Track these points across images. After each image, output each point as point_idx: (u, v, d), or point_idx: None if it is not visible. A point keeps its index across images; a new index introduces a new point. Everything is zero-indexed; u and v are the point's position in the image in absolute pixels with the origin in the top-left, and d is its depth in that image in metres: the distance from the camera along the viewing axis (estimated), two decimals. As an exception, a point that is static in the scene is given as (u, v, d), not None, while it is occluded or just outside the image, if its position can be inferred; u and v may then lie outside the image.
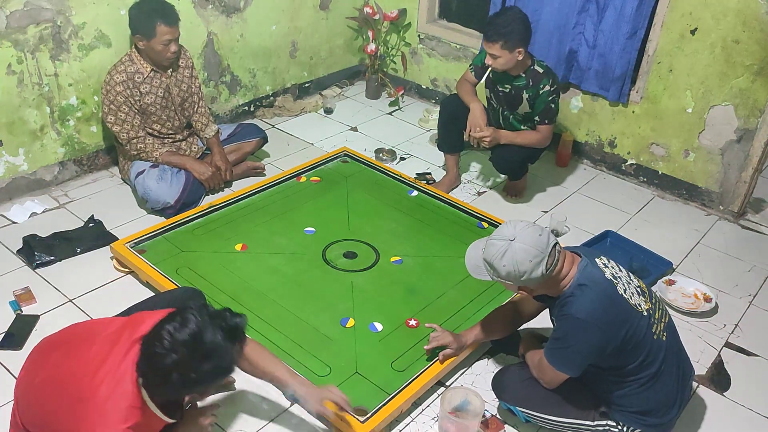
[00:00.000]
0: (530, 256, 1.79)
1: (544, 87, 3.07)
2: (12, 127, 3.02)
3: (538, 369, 2.00)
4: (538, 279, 1.82)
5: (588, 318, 1.81)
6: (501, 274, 1.85)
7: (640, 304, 1.87)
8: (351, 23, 4.46)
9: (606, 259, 1.93)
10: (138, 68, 3.02)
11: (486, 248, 1.89)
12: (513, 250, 1.80)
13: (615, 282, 1.86)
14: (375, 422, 2.05)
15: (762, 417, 2.31)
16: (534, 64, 3.10)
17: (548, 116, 3.12)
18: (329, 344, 2.37)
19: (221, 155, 3.31)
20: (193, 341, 1.53)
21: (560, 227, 3.14)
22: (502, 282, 1.89)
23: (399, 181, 3.42)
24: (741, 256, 3.14)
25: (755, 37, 3.07)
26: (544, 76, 3.07)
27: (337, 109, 4.30)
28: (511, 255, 1.81)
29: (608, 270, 1.89)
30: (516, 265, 1.80)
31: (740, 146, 3.29)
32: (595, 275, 1.86)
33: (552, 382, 1.97)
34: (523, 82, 3.11)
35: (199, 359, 1.53)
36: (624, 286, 1.87)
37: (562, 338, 1.88)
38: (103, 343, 1.66)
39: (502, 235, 1.85)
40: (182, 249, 2.79)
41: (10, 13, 2.84)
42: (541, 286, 1.87)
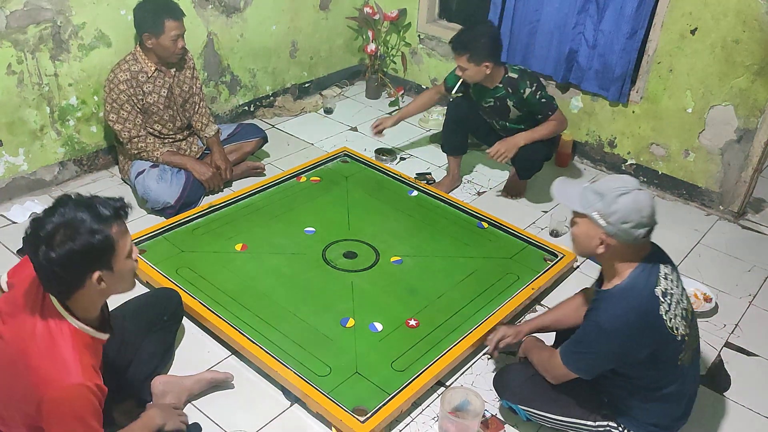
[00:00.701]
0: (645, 213, 1.73)
1: (525, 90, 3.09)
2: (12, 127, 3.02)
3: (548, 365, 1.97)
4: (631, 240, 1.75)
5: (614, 330, 1.76)
6: (607, 209, 1.74)
7: (677, 327, 1.80)
8: (351, 23, 4.46)
9: (670, 269, 1.85)
10: (142, 67, 3.03)
11: (605, 180, 1.81)
12: (636, 196, 1.73)
13: (661, 301, 1.78)
14: (375, 422, 2.05)
15: (762, 417, 2.31)
16: (508, 72, 3.12)
17: (548, 108, 3.12)
18: (329, 344, 2.37)
19: (221, 155, 3.31)
20: (48, 228, 1.51)
21: (560, 227, 3.14)
22: (593, 219, 1.77)
23: (399, 181, 3.42)
24: (741, 256, 3.14)
25: (755, 37, 3.07)
26: (519, 80, 3.10)
27: (337, 109, 4.30)
28: (633, 199, 1.73)
29: (664, 284, 1.80)
30: (630, 211, 1.72)
31: (740, 146, 3.29)
32: (642, 286, 1.79)
33: (560, 379, 1.95)
34: (502, 92, 3.14)
35: (62, 237, 1.49)
36: (669, 306, 1.79)
37: (583, 342, 1.85)
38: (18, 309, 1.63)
39: (627, 179, 1.79)
40: (182, 249, 2.79)
41: (10, 13, 2.84)
42: (617, 250, 1.79)
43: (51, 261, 1.48)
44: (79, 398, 1.56)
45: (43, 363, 1.55)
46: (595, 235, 1.79)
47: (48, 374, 1.54)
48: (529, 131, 3.14)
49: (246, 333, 2.35)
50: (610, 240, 1.77)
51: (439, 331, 2.46)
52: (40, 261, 1.50)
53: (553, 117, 3.13)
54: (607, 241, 1.78)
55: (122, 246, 1.59)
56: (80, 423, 1.58)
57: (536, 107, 3.12)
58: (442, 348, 2.37)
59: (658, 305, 1.77)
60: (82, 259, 1.51)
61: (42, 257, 1.49)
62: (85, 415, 1.59)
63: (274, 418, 2.18)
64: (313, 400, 2.12)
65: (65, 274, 1.52)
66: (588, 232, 1.81)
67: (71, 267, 1.51)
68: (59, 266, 1.49)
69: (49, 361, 1.55)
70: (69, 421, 1.57)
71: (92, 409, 1.60)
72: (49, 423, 1.57)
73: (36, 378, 1.55)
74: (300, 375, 2.20)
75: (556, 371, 1.94)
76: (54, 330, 1.58)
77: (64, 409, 1.56)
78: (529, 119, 3.20)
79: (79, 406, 1.57)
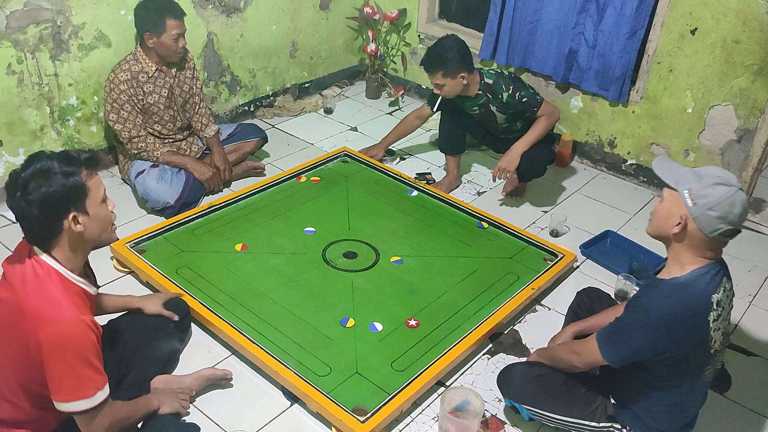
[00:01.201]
0: (736, 211, 1.70)
1: (503, 95, 3.10)
2: (12, 127, 3.02)
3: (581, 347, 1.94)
4: (708, 230, 1.71)
5: (660, 320, 1.73)
6: (700, 191, 1.70)
7: (716, 341, 1.78)
8: (351, 23, 4.46)
9: (729, 287, 1.82)
10: (143, 67, 3.03)
11: (708, 168, 1.78)
12: (734, 192, 1.70)
13: (713, 308, 1.75)
14: (375, 422, 2.05)
15: (762, 417, 2.31)
16: (484, 78, 3.13)
17: (532, 105, 3.10)
18: (329, 344, 2.37)
19: (221, 155, 3.31)
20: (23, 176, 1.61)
21: (560, 227, 3.14)
22: (683, 197, 1.73)
23: (399, 181, 3.42)
24: (741, 256, 3.14)
25: (755, 37, 3.07)
26: (495, 85, 3.11)
27: (337, 109, 4.30)
28: (729, 192, 1.69)
29: (721, 294, 1.77)
30: (722, 201, 1.68)
31: (740, 146, 3.29)
32: (702, 286, 1.75)
33: (586, 364, 1.92)
34: (483, 98, 3.16)
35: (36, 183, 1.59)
36: (717, 317, 1.76)
37: (625, 328, 1.80)
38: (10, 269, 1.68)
39: (731, 176, 1.75)
40: (182, 249, 2.79)
41: (10, 13, 2.84)
42: (691, 238, 1.75)
43: (29, 203, 1.58)
44: (76, 333, 1.60)
45: (37, 305, 1.59)
46: (677, 213, 1.75)
47: (42, 314, 1.58)
48: (523, 137, 3.13)
49: (246, 333, 2.35)
50: (690, 223, 1.73)
51: (439, 331, 2.46)
52: (18, 206, 1.60)
53: (541, 111, 3.11)
54: (686, 222, 1.73)
55: (94, 189, 1.67)
56: (80, 358, 1.61)
57: (519, 107, 3.12)
58: (442, 348, 2.36)
59: (710, 311, 1.74)
60: (56, 200, 1.60)
61: (19, 202, 1.59)
62: (84, 350, 1.61)
63: (274, 418, 2.18)
64: (313, 400, 2.12)
65: (43, 218, 1.60)
66: (671, 209, 1.77)
67: (47, 209, 1.60)
68: (37, 209, 1.59)
69: (42, 303, 1.60)
70: (69, 357, 1.59)
71: (90, 344, 1.63)
72: (50, 364, 1.58)
73: (31, 321, 1.58)
74: (300, 375, 2.20)
75: (588, 356, 1.89)
76: (42, 276, 1.63)
77: (62, 344, 1.58)
78: (518, 118, 3.21)
79: (78, 341, 1.60)
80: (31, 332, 1.58)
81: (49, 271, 1.65)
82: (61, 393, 1.62)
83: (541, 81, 3.82)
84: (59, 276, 1.65)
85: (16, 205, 1.61)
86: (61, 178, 1.60)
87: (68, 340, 1.59)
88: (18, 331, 1.60)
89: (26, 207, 1.59)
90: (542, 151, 3.21)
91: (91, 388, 1.64)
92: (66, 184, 1.61)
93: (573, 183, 3.66)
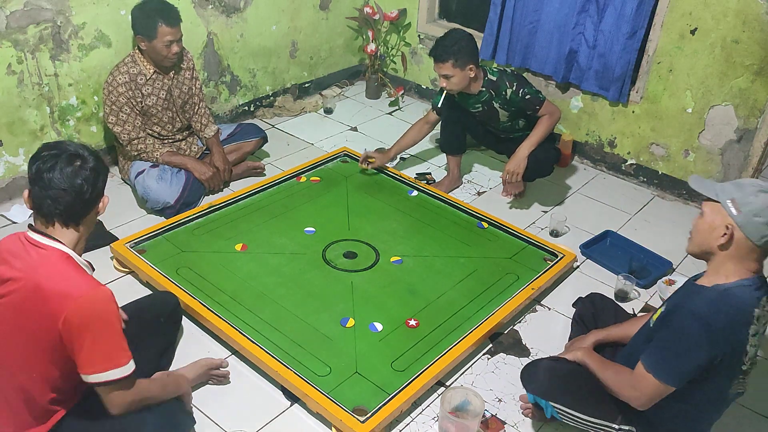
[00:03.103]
0: None
1: (506, 91, 3.09)
2: (12, 127, 3.02)
3: (633, 382, 1.80)
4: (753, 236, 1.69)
5: (709, 319, 1.67)
6: (743, 199, 1.69)
7: (750, 356, 1.76)
8: (351, 23, 4.46)
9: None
10: (141, 69, 3.02)
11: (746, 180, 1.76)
12: None
13: (754, 321, 1.71)
14: (375, 422, 2.05)
15: (762, 417, 2.31)
16: (487, 74, 3.12)
17: (534, 103, 3.10)
18: (329, 344, 2.37)
19: (220, 155, 3.31)
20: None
21: (560, 227, 3.14)
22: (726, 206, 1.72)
23: (399, 181, 3.42)
24: (741, 256, 3.13)
25: (755, 37, 3.07)
26: (499, 81, 3.10)
27: (337, 109, 4.30)
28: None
29: (760, 310, 1.72)
30: (765, 208, 1.67)
31: (740, 146, 3.29)
32: (746, 297, 1.71)
33: (651, 398, 1.77)
34: (486, 95, 3.15)
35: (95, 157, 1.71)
36: (756, 331, 1.72)
37: (678, 341, 1.71)
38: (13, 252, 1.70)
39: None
40: (182, 249, 2.79)
41: (10, 13, 2.84)
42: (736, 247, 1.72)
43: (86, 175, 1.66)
44: (102, 304, 1.62)
45: (57, 284, 1.61)
46: (721, 224, 1.73)
47: (63, 290, 1.60)
48: (528, 139, 3.12)
49: (246, 333, 2.35)
50: (737, 231, 1.71)
51: (439, 331, 2.46)
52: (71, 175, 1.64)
53: (543, 110, 3.11)
54: (732, 231, 1.71)
55: None
56: (110, 328, 1.63)
57: (522, 105, 3.11)
58: (442, 348, 2.36)
59: (750, 324, 1.71)
60: (104, 179, 1.74)
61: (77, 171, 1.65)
62: (112, 320, 1.64)
63: (274, 418, 2.18)
64: (313, 400, 2.12)
65: (90, 192, 1.68)
66: (714, 221, 1.75)
67: (98, 185, 1.70)
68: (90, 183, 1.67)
69: (61, 280, 1.62)
70: (99, 329, 1.61)
71: (116, 314, 1.66)
72: (80, 338, 1.60)
73: (55, 299, 1.59)
74: (300, 375, 2.19)
75: (646, 389, 1.76)
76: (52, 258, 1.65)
77: (88, 315, 1.60)
78: (521, 116, 3.21)
79: (105, 311, 1.62)
80: (57, 309, 1.59)
81: (55, 253, 1.67)
82: (94, 364, 1.62)
83: (541, 81, 3.82)
84: (67, 256, 1.68)
85: (69, 173, 1.64)
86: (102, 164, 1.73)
87: (92, 310, 1.61)
88: (42, 314, 1.61)
89: (78, 178, 1.65)
90: (547, 150, 3.21)
91: (124, 357, 1.66)
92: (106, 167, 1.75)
93: (573, 183, 3.66)
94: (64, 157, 1.66)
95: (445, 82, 3.08)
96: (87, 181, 1.67)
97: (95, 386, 1.66)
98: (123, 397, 1.69)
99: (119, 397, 1.69)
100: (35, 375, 1.69)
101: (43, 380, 1.69)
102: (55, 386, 1.71)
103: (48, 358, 1.66)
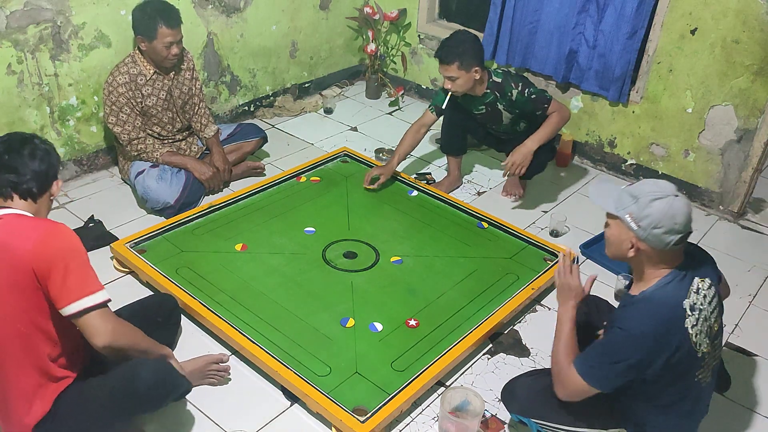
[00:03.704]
0: (678, 219, 1.70)
1: (512, 92, 3.07)
2: (12, 127, 3.02)
3: (565, 378, 1.86)
4: (661, 245, 1.72)
5: (642, 336, 1.73)
6: (640, 213, 1.72)
7: (701, 344, 1.77)
8: (351, 23, 4.46)
9: (707, 285, 1.79)
10: (141, 70, 3.02)
11: (642, 183, 1.79)
12: (671, 202, 1.71)
13: (688, 314, 1.73)
14: (375, 422, 2.05)
15: (762, 417, 2.31)
16: (492, 76, 3.10)
17: (542, 102, 3.07)
18: (329, 344, 2.37)
19: (220, 156, 3.31)
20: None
21: (560, 227, 3.14)
22: (625, 221, 1.75)
23: (399, 181, 3.42)
24: (741, 256, 3.14)
25: (755, 37, 3.07)
26: (504, 83, 3.07)
27: (337, 109, 4.30)
28: (667, 205, 1.70)
29: (694, 297, 1.75)
30: (662, 216, 1.69)
31: (740, 146, 3.29)
32: (670, 295, 1.75)
33: (574, 396, 1.86)
34: (491, 97, 3.12)
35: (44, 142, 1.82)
36: (696, 321, 1.74)
37: (608, 352, 1.79)
38: None
39: (665, 184, 1.76)
40: (182, 249, 2.79)
41: (10, 13, 2.84)
42: (646, 255, 1.76)
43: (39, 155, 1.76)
44: (60, 234, 1.68)
45: (18, 234, 1.66)
46: (626, 238, 1.78)
47: (24, 234, 1.65)
48: (537, 133, 3.07)
49: (246, 333, 2.35)
50: (641, 244, 1.75)
51: (439, 331, 2.46)
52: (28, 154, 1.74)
53: (551, 108, 3.08)
54: (637, 245, 1.76)
55: None
56: (79, 259, 1.69)
57: (529, 105, 3.08)
58: (442, 348, 2.36)
59: (684, 317, 1.74)
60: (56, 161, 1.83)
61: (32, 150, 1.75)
62: (80, 250, 1.70)
63: (274, 418, 2.18)
64: (313, 400, 2.12)
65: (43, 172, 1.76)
66: (620, 235, 1.80)
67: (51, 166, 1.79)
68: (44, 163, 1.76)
69: (20, 230, 1.67)
70: (64, 257, 1.65)
71: (78, 242, 1.71)
72: (53, 273, 1.63)
73: (19, 246, 1.64)
74: (300, 375, 2.19)
75: (572, 387, 1.85)
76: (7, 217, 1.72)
77: (52, 249, 1.65)
78: (523, 119, 3.20)
79: (64, 239, 1.69)
80: (25, 256, 1.62)
81: (10, 215, 1.73)
82: (69, 295, 1.65)
83: (542, 81, 3.82)
84: (21, 215, 1.74)
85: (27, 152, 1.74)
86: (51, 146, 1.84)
87: (60, 244, 1.66)
88: (13, 266, 1.64)
89: (34, 158, 1.74)
90: (546, 148, 3.19)
91: (96, 284, 1.71)
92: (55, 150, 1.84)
93: (573, 183, 3.66)
94: (16, 138, 1.77)
95: (449, 84, 3.03)
96: (42, 160, 1.76)
97: (74, 319, 1.68)
98: (104, 323, 1.70)
99: (101, 324, 1.70)
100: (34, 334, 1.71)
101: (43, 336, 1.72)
102: (53, 339, 1.73)
103: (36, 307, 1.68)
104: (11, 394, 1.75)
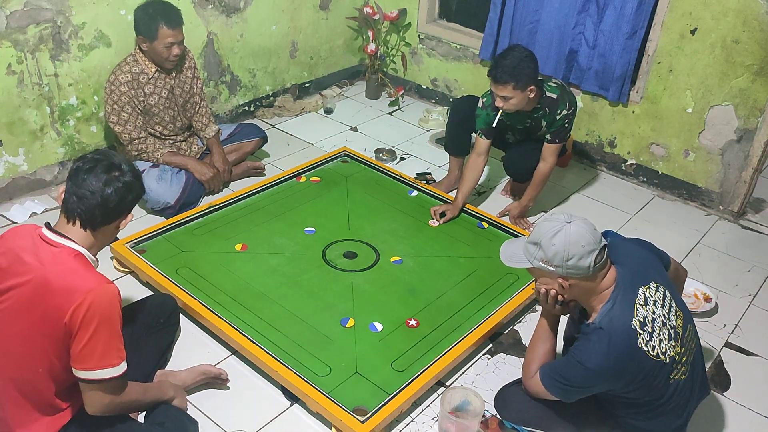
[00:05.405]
0: (583, 241, 1.72)
1: (562, 111, 2.95)
2: (12, 127, 3.02)
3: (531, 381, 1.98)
4: (584, 272, 1.73)
5: (597, 368, 1.76)
6: (547, 254, 1.75)
7: (666, 351, 1.77)
8: (351, 23, 4.46)
9: (654, 288, 1.81)
10: (143, 69, 3.02)
11: (535, 230, 1.80)
12: (568, 230, 1.73)
13: (639, 333, 1.74)
14: (375, 422, 2.05)
15: (762, 417, 2.31)
16: (546, 92, 2.94)
17: (561, 135, 3.01)
18: (329, 344, 2.37)
19: (220, 156, 3.31)
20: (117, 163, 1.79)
21: (560, 227, 3.14)
22: (542, 268, 1.78)
23: (399, 181, 3.42)
24: (741, 256, 3.14)
25: (755, 37, 3.07)
26: (559, 100, 2.94)
27: (337, 109, 4.30)
28: (565, 235, 1.73)
29: (642, 312, 1.76)
30: (567, 246, 1.72)
31: (740, 146, 3.29)
32: (616, 321, 1.75)
33: (536, 396, 1.98)
34: (540, 112, 3.00)
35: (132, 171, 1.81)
36: (650, 335, 1.75)
37: (567, 378, 1.85)
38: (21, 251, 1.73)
39: (557, 218, 1.78)
40: (182, 249, 2.79)
41: (10, 13, 2.84)
42: (580, 287, 1.78)
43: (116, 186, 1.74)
44: (106, 298, 1.66)
45: (65, 279, 1.64)
46: (554, 282, 1.81)
47: (72, 285, 1.63)
48: (529, 190, 3.16)
49: (246, 333, 2.35)
50: (570, 280, 1.78)
51: (439, 331, 2.46)
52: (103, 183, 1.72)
53: (557, 149, 3.03)
54: (565, 284, 1.78)
55: None
56: (110, 327, 1.67)
57: (555, 128, 2.99)
58: (442, 348, 2.36)
59: (636, 339, 1.74)
60: (134, 196, 1.82)
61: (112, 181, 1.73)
62: (115, 319, 1.68)
63: (274, 418, 2.18)
64: (313, 400, 2.12)
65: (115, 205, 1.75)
66: (549, 283, 1.83)
67: (126, 200, 1.78)
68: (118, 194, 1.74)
69: (70, 276, 1.65)
70: (101, 326, 1.64)
71: (119, 314, 1.69)
72: (81, 332, 1.62)
73: (62, 294, 1.62)
74: (300, 375, 2.19)
75: (534, 389, 1.97)
76: (60, 254, 1.69)
77: (93, 311, 1.63)
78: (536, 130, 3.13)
79: (109, 309, 1.66)
80: (65, 306, 1.61)
81: (66, 250, 1.70)
82: (89, 361, 1.65)
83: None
84: (77, 253, 1.72)
85: (103, 179, 1.71)
86: (139, 183, 1.83)
87: (101, 309, 1.64)
88: (49, 308, 1.63)
89: (109, 187, 1.72)
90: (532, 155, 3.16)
91: (117, 357, 1.69)
92: (141, 188, 1.84)
93: (573, 183, 3.66)
94: (105, 163, 1.73)
95: (501, 103, 2.86)
96: (117, 192, 1.73)
97: (82, 381, 1.68)
98: (102, 399, 1.71)
99: (100, 399, 1.71)
100: (41, 370, 1.70)
101: (48, 374, 1.71)
102: (58, 380, 1.73)
103: (53, 352, 1.68)
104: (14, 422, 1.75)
